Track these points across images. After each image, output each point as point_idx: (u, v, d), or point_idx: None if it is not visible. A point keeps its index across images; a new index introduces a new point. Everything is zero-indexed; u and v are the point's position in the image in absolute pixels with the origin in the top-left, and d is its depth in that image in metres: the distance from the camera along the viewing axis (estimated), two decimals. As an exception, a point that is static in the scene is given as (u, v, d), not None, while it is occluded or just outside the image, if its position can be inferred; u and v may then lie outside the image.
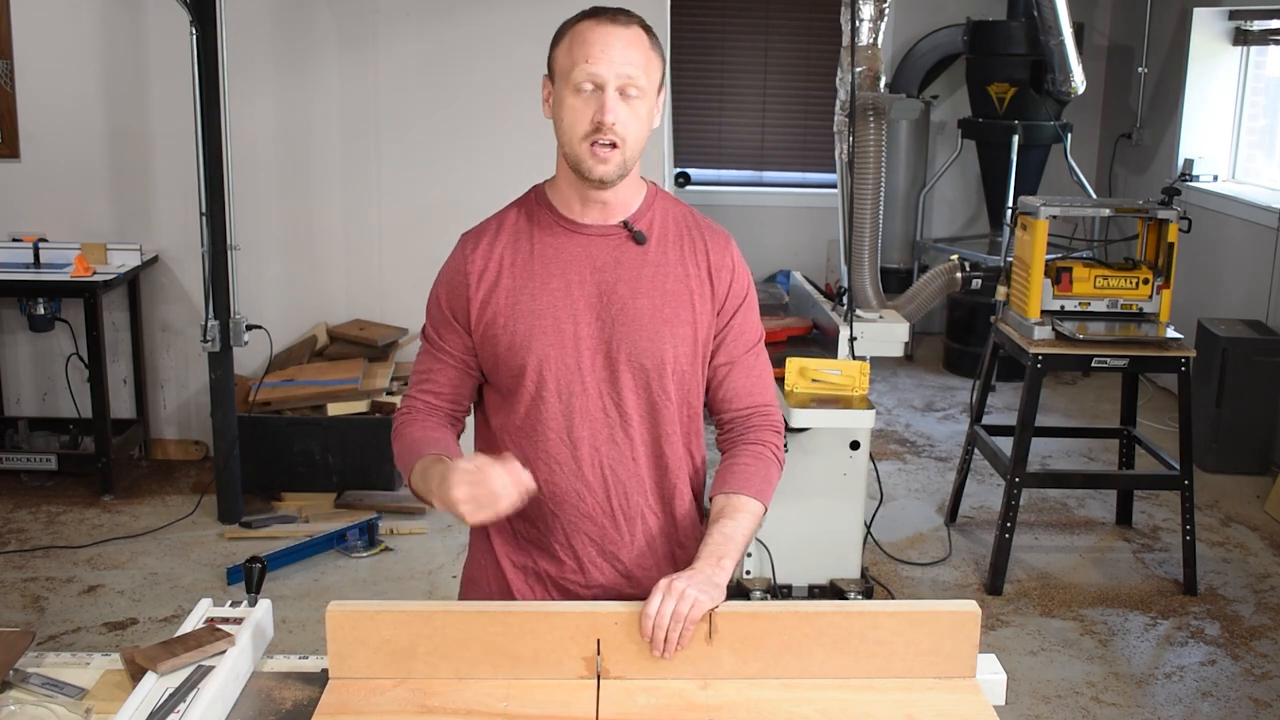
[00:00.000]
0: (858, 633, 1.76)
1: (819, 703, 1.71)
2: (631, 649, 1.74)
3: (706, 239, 1.93)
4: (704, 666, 1.75)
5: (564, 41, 1.82)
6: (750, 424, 1.97)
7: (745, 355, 1.96)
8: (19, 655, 1.74)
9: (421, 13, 4.90)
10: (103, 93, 4.92)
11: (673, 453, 1.94)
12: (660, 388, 1.89)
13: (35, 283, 4.74)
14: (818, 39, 7.43)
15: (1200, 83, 6.36)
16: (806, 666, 1.76)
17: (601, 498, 1.91)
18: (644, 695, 1.72)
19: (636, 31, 1.81)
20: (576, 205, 1.88)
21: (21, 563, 4.22)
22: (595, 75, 1.77)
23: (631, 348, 1.86)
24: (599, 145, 1.78)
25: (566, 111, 1.80)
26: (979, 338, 6.09)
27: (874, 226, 4.11)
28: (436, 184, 5.00)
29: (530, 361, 1.86)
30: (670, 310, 1.88)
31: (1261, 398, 5.26)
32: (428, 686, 1.73)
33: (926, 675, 1.77)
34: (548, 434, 1.89)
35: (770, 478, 1.94)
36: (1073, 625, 3.94)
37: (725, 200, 7.38)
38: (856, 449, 3.80)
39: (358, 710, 1.68)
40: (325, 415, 4.71)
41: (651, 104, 1.83)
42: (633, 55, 1.79)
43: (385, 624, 1.74)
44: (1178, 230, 4.11)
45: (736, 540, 1.83)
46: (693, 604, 1.69)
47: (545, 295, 1.86)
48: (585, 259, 1.87)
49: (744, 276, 1.96)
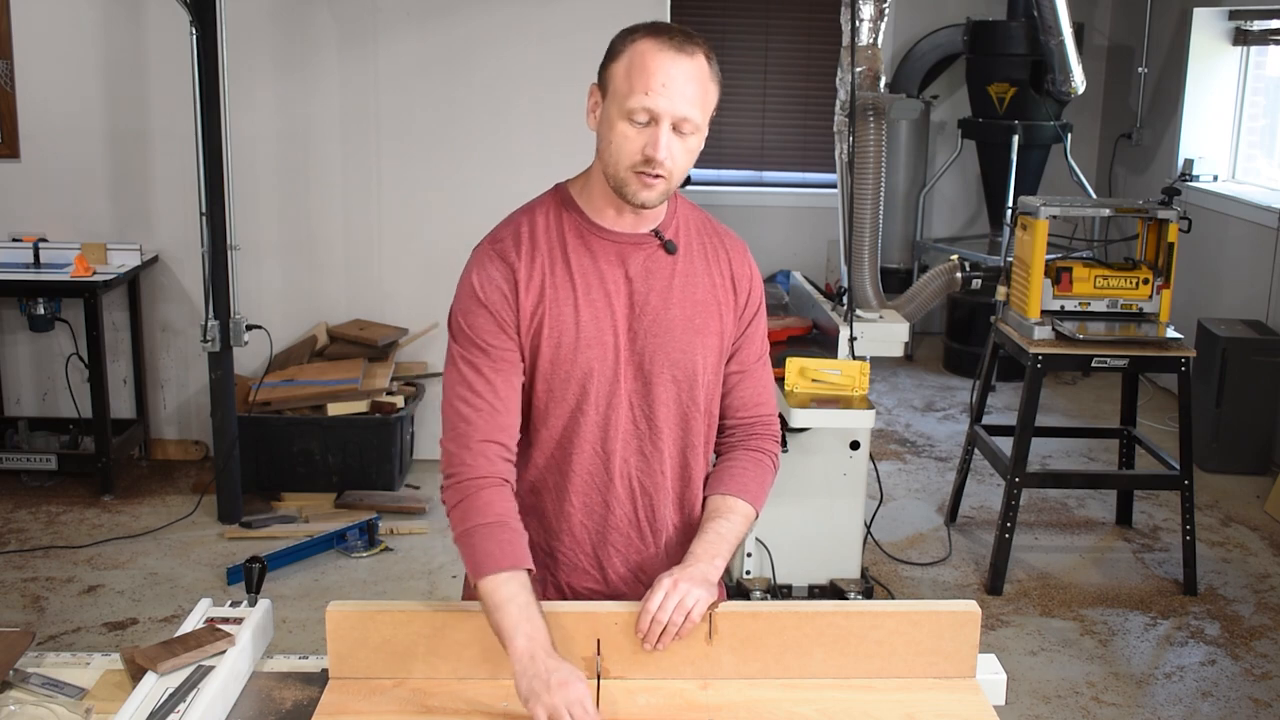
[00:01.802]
0: (858, 633, 1.76)
1: (819, 703, 1.71)
2: (631, 649, 1.74)
3: (728, 247, 1.91)
4: (704, 667, 1.75)
5: (622, 59, 1.73)
6: (753, 431, 1.98)
7: (755, 364, 1.96)
8: (19, 655, 1.74)
9: (421, 13, 4.90)
10: (103, 93, 4.92)
11: (696, 463, 1.93)
12: (690, 399, 1.87)
13: (35, 283, 4.74)
14: (818, 39, 7.43)
15: (1200, 83, 6.36)
16: (807, 666, 1.76)
17: (629, 510, 1.89)
18: (644, 695, 1.72)
19: (700, 62, 1.73)
20: (610, 213, 1.82)
21: (21, 563, 4.21)
22: (653, 109, 1.69)
23: (665, 359, 1.83)
24: (645, 175, 1.73)
25: (616, 136, 1.73)
26: (979, 338, 6.09)
27: (874, 226, 4.11)
28: (436, 184, 5.00)
29: (575, 374, 1.81)
30: (701, 320, 1.86)
31: (1261, 398, 5.26)
32: (427, 687, 1.73)
33: (926, 675, 1.77)
34: (584, 446, 1.85)
35: (765, 484, 1.95)
36: (1073, 625, 3.94)
37: (725, 200, 7.38)
38: (856, 449, 3.80)
39: (357, 711, 1.68)
40: (325, 415, 4.71)
41: (701, 139, 1.77)
42: (692, 91, 1.71)
43: (385, 624, 1.74)
44: (1178, 230, 4.11)
45: (729, 541, 1.84)
46: (695, 600, 1.70)
47: (588, 308, 1.80)
48: (620, 269, 1.82)
49: (759, 285, 1.95)
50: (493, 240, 1.84)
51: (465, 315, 1.80)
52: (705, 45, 1.75)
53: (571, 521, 1.88)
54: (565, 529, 1.89)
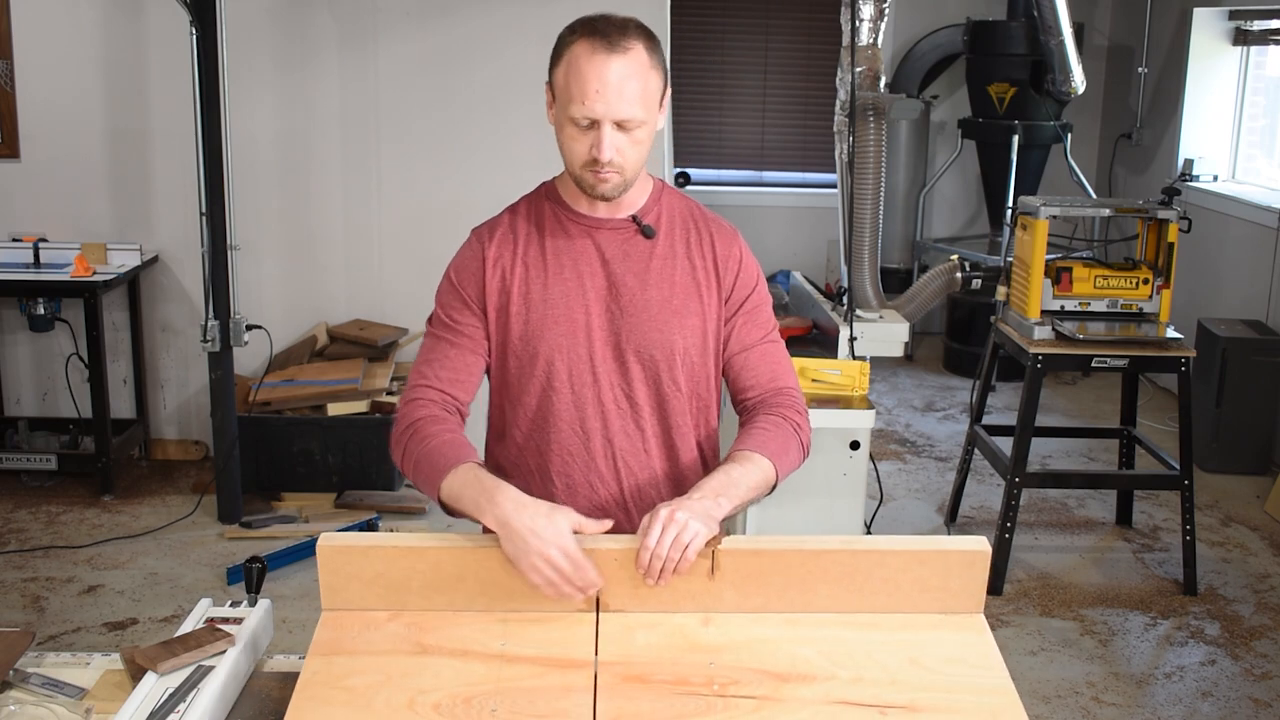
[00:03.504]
0: (864, 569, 1.72)
1: (821, 642, 1.67)
2: (631, 584, 1.70)
3: (713, 232, 1.94)
4: (705, 601, 1.72)
5: (562, 64, 1.79)
6: (774, 402, 1.93)
7: (761, 343, 1.95)
8: (19, 655, 1.73)
9: (421, 13, 4.90)
10: (102, 93, 4.92)
11: (684, 444, 1.94)
12: (670, 379, 1.89)
13: (35, 283, 4.74)
14: (818, 39, 7.43)
15: (1200, 83, 6.36)
16: (811, 602, 1.73)
17: (615, 490, 1.91)
18: (644, 632, 1.68)
19: (636, 56, 1.76)
20: (585, 200, 1.89)
21: (21, 563, 4.21)
22: (591, 114, 1.76)
23: (641, 339, 1.87)
24: (597, 172, 1.79)
25: (565, 138, 1.81)
26: (979, 338, 6.09)
27: (874, 226, 4.11)
28: (436, 184, 5.00)
29: (541, 351, 1.87)
30: (679, 302, 1.89)
31: (1261, 398, 5.26)
32: (422, 620, 1.69)
33: (932, 611, 1.73)
34: (560, 425, 1.89)
35: (788, 447, 1.87)
36: (1073, 625, 3.94)
37: (725, 200, 7.38)
38: (856, 449, 3.80)
39: (352, 650, 1.65)
40: (325, 415, 4.72)
41: (652, 126, 1.82)
42: (631, 89, 1.75)
43: (378, 559, 1.70)
44: (1178, 230, 4.11)
45: (740, 486, 1.76)
46: (694, 534, 1.64)
47: (558, 285, 1.87)
48: (594, 251, 1.89)
49: (751, 269, 1.96)
50: (475, 229, 1.95)
51: (439, 298, 1.93)
52: (641, 34, 1.79)
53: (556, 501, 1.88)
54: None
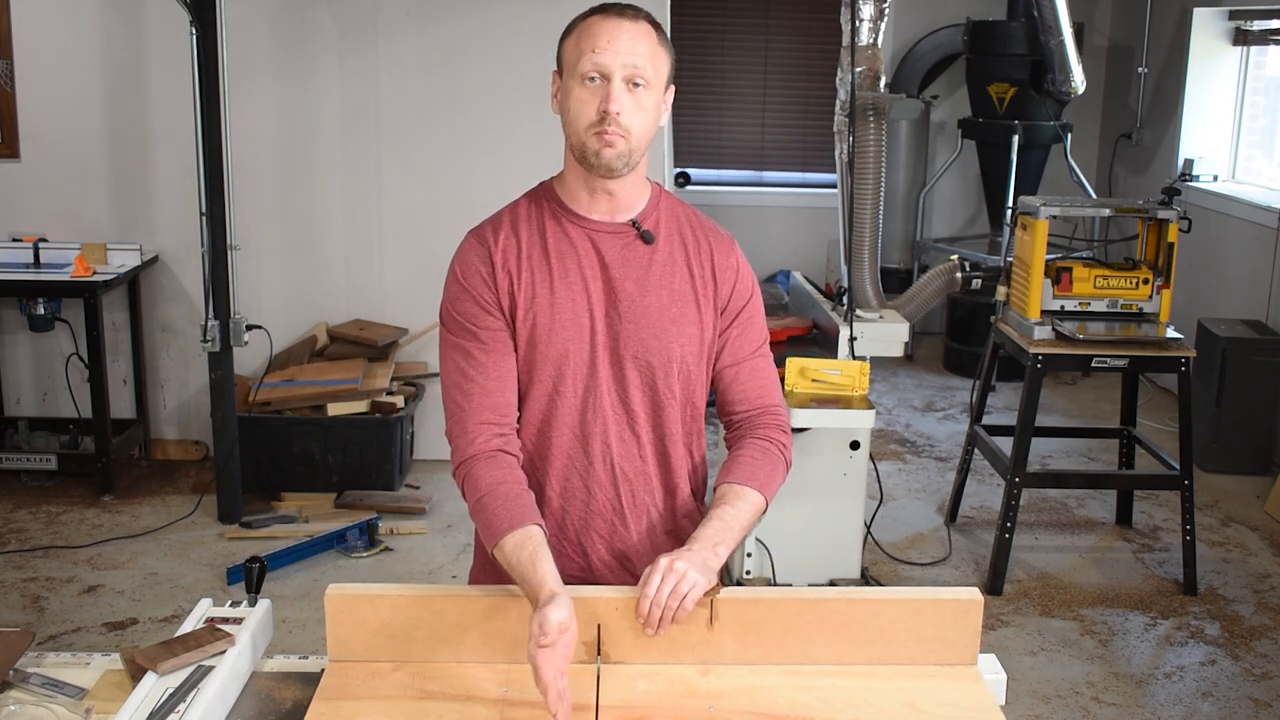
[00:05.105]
0: (860, 620, 1.76)
1: (820, 690, 1.70)
2: (632, 634, 1.73)
3: (711, 241, 1.94)
4: (705, 652, 1.75)
5: (572, 35, 1.84)
6: (760, 422, 1.97)
7: (751, 357, 1.97)
8: (19, 655, 1.74)
9: (421, 13, 4.90)
10: (103, 93, 4.92)
11: (675, 451, 1.94)
12: (666, 386, 1.90)
13: (35, 283, 4.74)
14: (818, 39, 7.43)
15: (1200, 83, 6.36)
16: (808, 653, 1.76)
17: (611, 494, 1.91)
18: (644, 681, 1.71)
19: (644, 26, 1.83)
20: (585, 199, 1.88)
21: (21, 563, 4.21)
22: (601, 65, 1.78)
23: (639, 345, 1.87)
24: (604, 133, 1.79)
25: (573, 102, 1.81)
26: (979, 338, 6.09)
27: (874, 226, 4.11)
28: (436, 184, 5.00)
29: (551, 355, 1.86)
30: (678, 309, 1.89)
31: (1261, 398, 5.26)
32: (426, 670, 1.72)
33: (928, 662, 1.77)
34: (562, 429, 1.89)
35: (775, 474, 1.93)
36: (1073, 625, 3.94)
37: (725, 200, 7.38)
38: (856, 449, 3.80)
39: (356, 695, 1.68)
40: (325, 415, 4.72)
41: (659, 98, 1.84)
42: (639, 47, 1.80)
43: (384, 607, 1.73)
44: (1178, 230, 4.11)
45: (734, 529, 1.82)
46: (693, 585, 1.69)
47: (564, 288, 1.86)
48: (594, 254, 1.87)
49: (748, 280, 1.96)
50: (475, 231, 1.92)
51: (452, 303, 1.89)
52: (650, 16, 1.85)
53: (553, 505, 1.91)
54: (547, 513, 1.91)
